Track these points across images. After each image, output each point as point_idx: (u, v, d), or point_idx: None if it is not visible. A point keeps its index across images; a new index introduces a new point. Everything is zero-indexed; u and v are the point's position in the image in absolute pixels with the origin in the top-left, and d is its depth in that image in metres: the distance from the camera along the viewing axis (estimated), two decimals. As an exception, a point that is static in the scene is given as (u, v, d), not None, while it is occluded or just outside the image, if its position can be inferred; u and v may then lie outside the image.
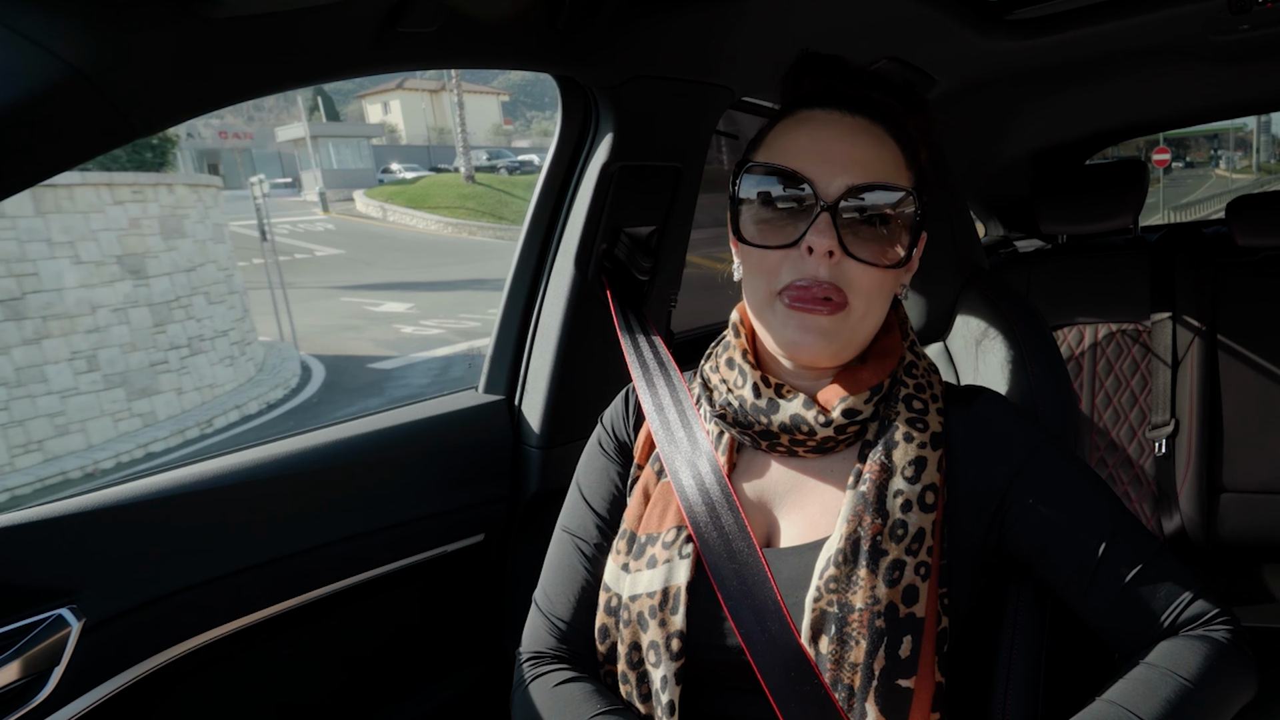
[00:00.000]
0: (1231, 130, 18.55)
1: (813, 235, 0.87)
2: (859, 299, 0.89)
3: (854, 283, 0.88)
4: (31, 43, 0.73)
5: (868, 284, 0.89)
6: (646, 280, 1.53)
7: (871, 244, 0.88)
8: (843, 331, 0.90)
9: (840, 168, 0.88)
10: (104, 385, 8.91)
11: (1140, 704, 0.82)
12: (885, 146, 0.91)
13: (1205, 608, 0.88)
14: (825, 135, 0.90)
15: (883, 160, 0.90)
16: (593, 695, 0.95)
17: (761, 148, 0.94)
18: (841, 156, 0.88)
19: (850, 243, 0.87)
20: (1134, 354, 2.49)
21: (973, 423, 0.96)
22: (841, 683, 0.85)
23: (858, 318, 0.90)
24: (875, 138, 0.90)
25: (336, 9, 0.91)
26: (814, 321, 0.88)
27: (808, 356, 0.92)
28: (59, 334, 8.50)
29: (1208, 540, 2.35)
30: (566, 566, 1.03)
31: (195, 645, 1.13)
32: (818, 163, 0.88)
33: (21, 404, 8.14)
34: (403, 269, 20.43)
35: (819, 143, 0.89)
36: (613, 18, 1.22)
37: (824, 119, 0.91)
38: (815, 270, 0.87)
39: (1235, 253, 2.47)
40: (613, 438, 1.09)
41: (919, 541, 0.88)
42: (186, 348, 10.01)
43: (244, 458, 1.21)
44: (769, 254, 0.90)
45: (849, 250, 0.87)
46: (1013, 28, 1.81)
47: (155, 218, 9.68)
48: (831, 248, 0.86)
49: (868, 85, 0.95)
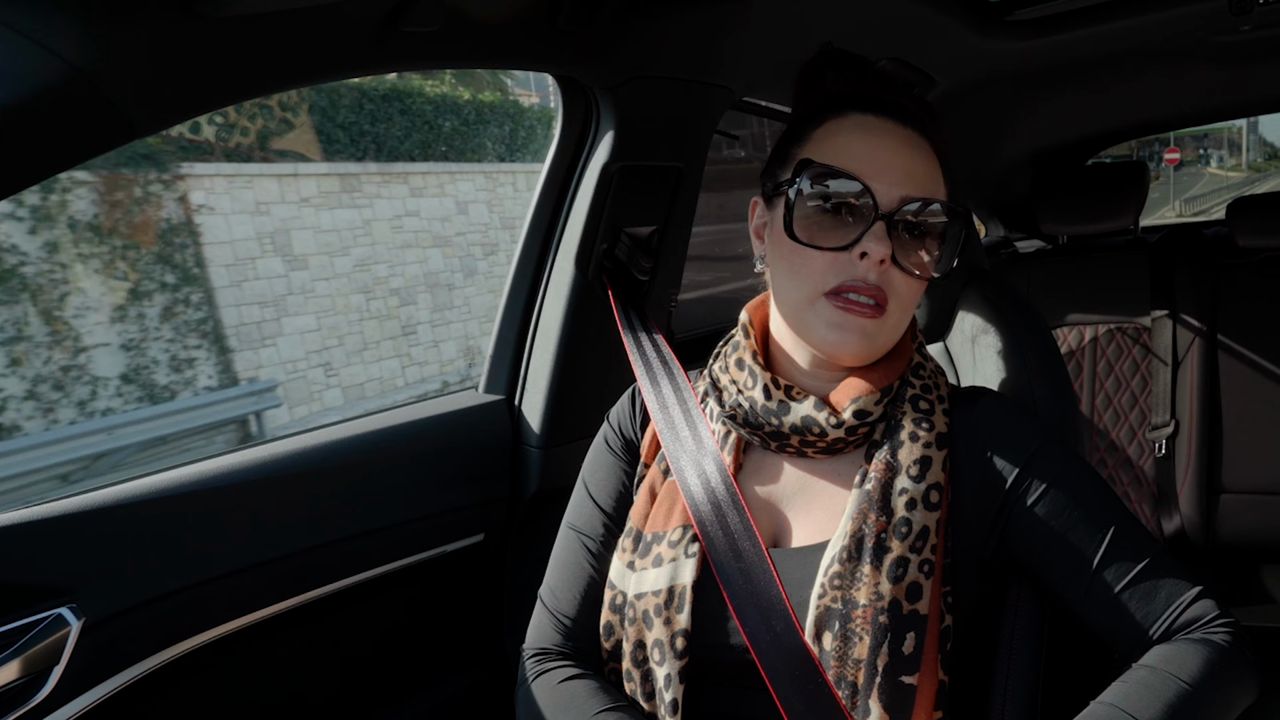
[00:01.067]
0: (1225, 130, 18.72)
1: (869, 241, 0.89)
2: (897, 305, 0.92)
3: (896, 289, 0.92)
4: (31, 41, 0.73)
5: (907, 292, 0.93)
6: (647, 280, 1.53)
7: (917, 254, 0.92)
8: (880, 335, 0.93)
9: (898, 179, 0.90)
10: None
11: (1139, 707, 0.82)
12: (932, 162, 0.95)
13: (1205, 610, 0.88)
14: (883, 145, 0.92)
15: (930, 175, 0.94)
16: (597, 692, 0.95)
17: (809, 144, 0.95)
18: (899, 168, 0.91)
19: (898, 252, 0.90)
20: (1134, 355, 2.49)
21: (976, 423, 0.96)
22: (845, 680, 0.85)
23: (893, 323, 0.93)
24: (925, 152, 0.94)
25: (337, 9, 0.90)
26: (858, 323, 0.91)
27: (848, 356, 0.94)
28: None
29: (1207, 541, 2.35)
30: (572, 564, 1.04)
31: (195, 645, 1.13)
32: (878, 171, 0.90)
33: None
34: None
35: (877, 151, 0.92)
36: (613, 17, 1.22)
37: (879, 127, 0.94)
38: (865, 274, 0.90)
39: (1236, 254, 2.46)
40: (619, 436, 1.09)
41: (923, 539, 0.89)
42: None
43: (244, 458, 1.21)
44: (820, 255, 0.91)
45: (896, 259, 0.90)
46: (1013, 28, 1.81)
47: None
48: (885, 256, 0.89)
49: (913, 100, 0.98)
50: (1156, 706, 0.81)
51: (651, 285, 1.54)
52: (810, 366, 0.97)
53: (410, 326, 9.45)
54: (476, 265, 10.24)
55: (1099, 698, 0.85)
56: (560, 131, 1.43)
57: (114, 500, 1.07)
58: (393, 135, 9.23)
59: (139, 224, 7.21)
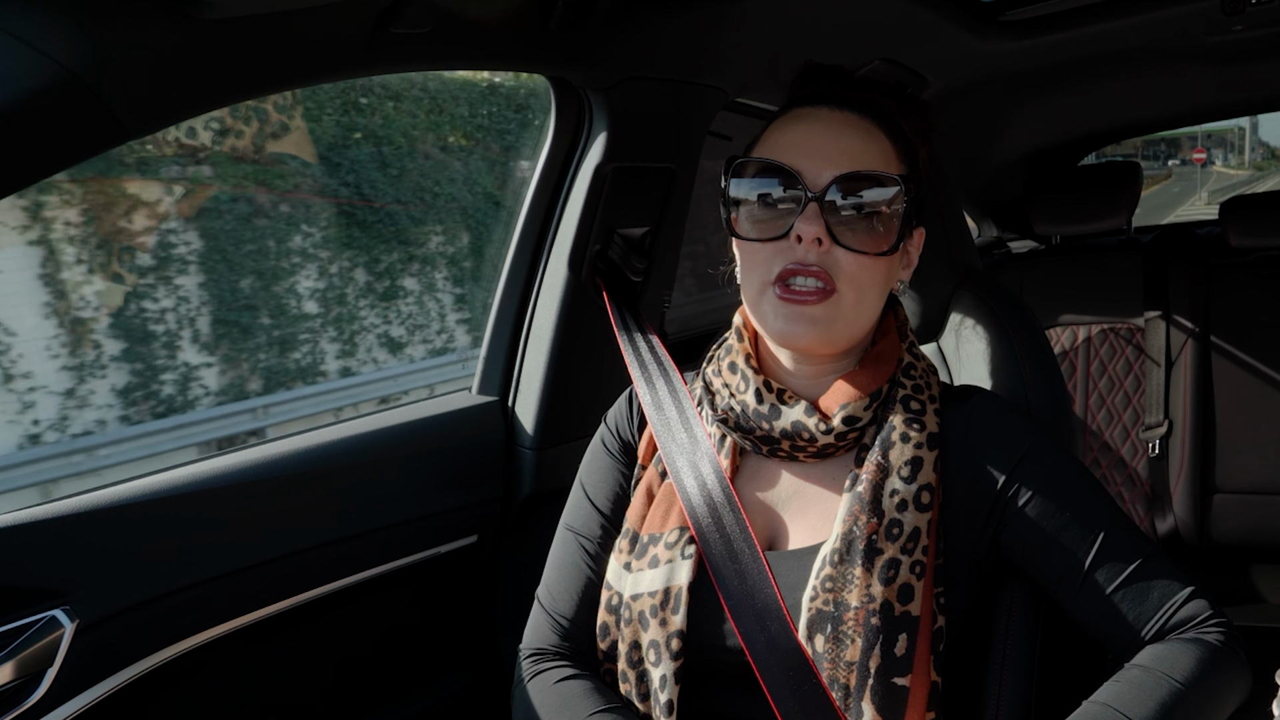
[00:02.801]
0: (1226, 132, 19.12)
1: (800, 224, 0.88)
2: (849, 287, 0.90)
3: (844, 270, 0.90)
4: (24, 44, 0.73)
5: (857, 272, 0.90)
6: (640, 281, 1.53)
7: (861, 233, 0.90)
8: (835, 319, 0.91)
9: (828, 160, 0.89)
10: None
11: (1132, 706, 0.82)
12: (874, 139, 0.92)
13: (1198, 610, 0.88)
14: (814, 129, 0.92)
15: (870, 152, 0.91)
16: (593, 693, 0.95)
17: (755, 148, 0.96)
18: (829, 149, 0.90)
19: (839, 232, 0.89)
20: (1127, 355, 2.49)
21: (968, 423, 0.96)
22: (838, 681, 0.86)
23: (849, 306, 0.91)
24: (864, 130, 0.92)
25: (329, 11, 0.91)
26: (804, 312, 0.90)
27: (803, 345, 0.93)
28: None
29: (1201, 541, 2.36)
30: (569, 564, 1.04)
31: (188, 646, 1.13)
32: (806, 156, 0.90)
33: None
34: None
35: (807, 137, 0.92)
36: (605, 19, 1.22)
37: (813, 114, 0.94)
38: (805, 256, 0.89)
39: (1228, 253, 2.47)
40: (616, 437, 1.09)
41: (914, 541, 0.89)
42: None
43: (236, 459, 1.20)
44: (762, 247, 0.92)
45: (837, 239, 0.89)
46: (1006, 29, 1.81)
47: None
48: (819, 235, 0.88)
49: (864, 87, 0.97)
50: (1149, 706, 0.82)
51: (645, 286, 1.54)
52: (793, 365, 0.97)
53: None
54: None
55: (1092, 697, 0.85)
56: (553, 133, 1.43)
57: (108, 502, 1.07)
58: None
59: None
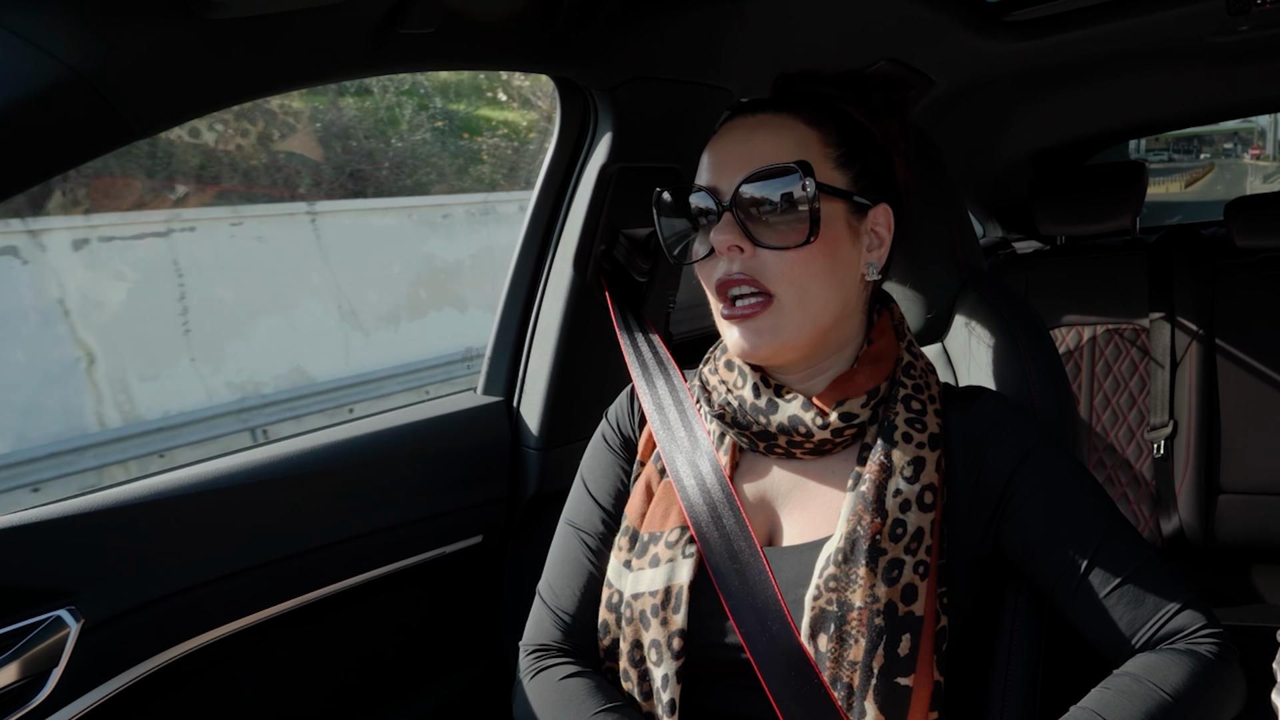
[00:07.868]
0: (1248, 131, 19.58)
1: (715, 235, 0.89)
2: (786, 287, 0.89)
3: (772, 271, 0.89)
4: (29, 43, 0.73)
5: (788, 269, 0.89)
6: (645, 282, 1.53)
7: (780, 229, 0.89)
8: (782, 325, 0.90)
9: (736, 167, 0.90)
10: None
11: (1119, 715, 0.81)
12: (789, 132, 0.91)
13: (1192, 620, 0.87)
14: (728, 141, 0.93)
15: (782, 146, 0.90)
16: (595, 691, 0.95)
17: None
18: (737, 156, 0.91)
19: (759, 233, 0.88)
20: (1132, 355, 2.49)
21: (971, 423, 0.96)
22: (841, 681, 0.86)
23: (792, 306, 0.90)
24: (776, 127, 0.92)
25: (335, 10, 0.91)
26: (750, 324, 0.90)
27: (761, 356, 0.93)
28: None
29: (1206, 542, 2.35)
30: (571, 560, 1.04)
31: (194, 646, 1.13)
32: (718, 169, 0.91)
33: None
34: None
35: (721, 150, 0.93)
36: (611, 19, 1.22)
37: (729, 127, 0.95)
38: (730, 266, 0.90)
39: (1233, 254, 2.46)
40: (617, 433, 1.09)
41: (918, 541, 0.88)
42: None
43: (243, 460, 1.21)
44: (700, 267, 0.94)
45: (757, 240, 0.89)
46: (1011, 29, 1.81)
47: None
48: (735, 242, 0.88)
49: (806, 81, 0.97)
50: (1136, 716, 0.81)
51: (649, 286, 1.54)
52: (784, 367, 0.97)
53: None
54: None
55: (1080, 703, 0.85)
56: (558, 133, 1.43)
57: (113, 503, 1.07)
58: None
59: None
